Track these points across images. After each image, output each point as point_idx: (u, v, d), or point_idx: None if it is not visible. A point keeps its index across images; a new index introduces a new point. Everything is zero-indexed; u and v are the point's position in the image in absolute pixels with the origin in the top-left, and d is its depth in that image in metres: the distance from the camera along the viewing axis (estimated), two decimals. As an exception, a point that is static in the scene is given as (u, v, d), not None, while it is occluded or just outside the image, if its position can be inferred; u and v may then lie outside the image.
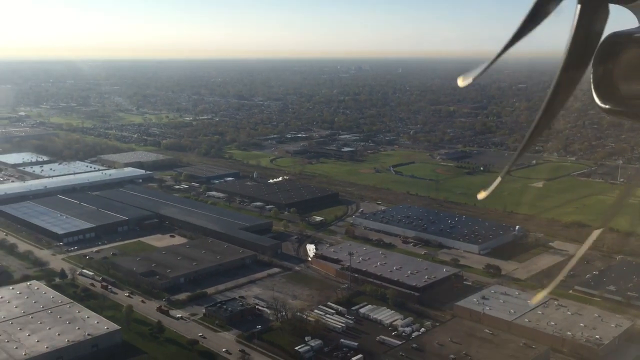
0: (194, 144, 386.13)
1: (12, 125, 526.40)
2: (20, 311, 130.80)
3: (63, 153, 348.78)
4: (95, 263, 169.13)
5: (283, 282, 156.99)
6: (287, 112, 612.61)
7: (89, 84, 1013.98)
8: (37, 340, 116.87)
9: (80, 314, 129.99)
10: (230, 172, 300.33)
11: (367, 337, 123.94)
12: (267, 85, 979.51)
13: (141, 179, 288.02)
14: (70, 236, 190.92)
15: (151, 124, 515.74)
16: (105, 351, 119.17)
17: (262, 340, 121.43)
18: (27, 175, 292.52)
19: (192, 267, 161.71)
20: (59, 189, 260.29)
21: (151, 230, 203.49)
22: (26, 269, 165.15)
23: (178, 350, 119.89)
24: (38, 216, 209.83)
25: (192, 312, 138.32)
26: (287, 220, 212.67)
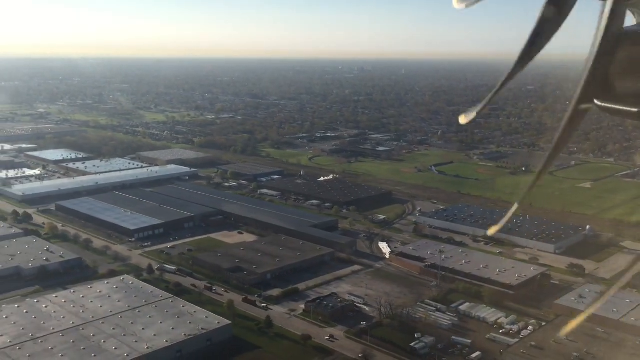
0: (228, 142, 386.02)
1: (34, 122, 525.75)
2: (125, 305, 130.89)
3: (102, 150, 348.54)
4: (176, 258, 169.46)
5: (369, 279, 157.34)
6: (307, 112, 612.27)
7: (97, 82, 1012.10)
8: (154, 334, 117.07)
9: (185, 308, 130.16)
10: (275, 171, 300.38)
11: (474, 335, 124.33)
12: (276, 84, 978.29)
13: (187, 176, 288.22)
14: (140, 232, 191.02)
15: (175, 122, 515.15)
16: (218, 345, 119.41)
17: (372, 337, 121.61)
18: (72, 172, 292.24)
19: (276, 263, 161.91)
20: (110, 185, 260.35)
21: (217, 226, 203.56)
22: (108, 264, 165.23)
23: (291, 346, 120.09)
24: (102, 212, 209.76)
25: (290, 307, 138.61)
26: (347, 218, 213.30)
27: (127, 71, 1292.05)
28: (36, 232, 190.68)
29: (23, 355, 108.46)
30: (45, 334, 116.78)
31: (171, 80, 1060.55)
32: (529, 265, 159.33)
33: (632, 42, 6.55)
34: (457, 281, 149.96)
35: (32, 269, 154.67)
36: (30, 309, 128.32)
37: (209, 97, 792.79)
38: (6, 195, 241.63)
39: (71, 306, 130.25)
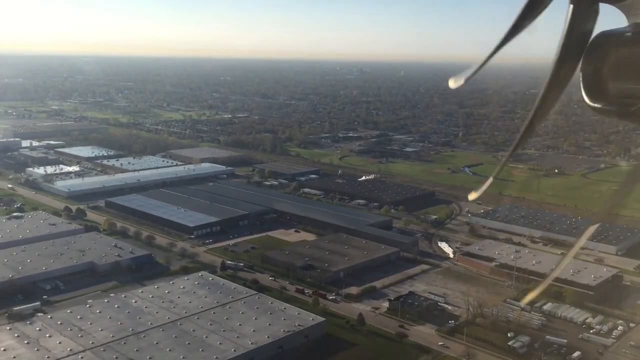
0: (255, 141, 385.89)
1: (51, 118, 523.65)
2: (212, 301, 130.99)
3: (131, 147, 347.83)
4: (244, 255, 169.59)
5: (440, 278, 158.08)
6: (320, 112, 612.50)
7: (101, 80, 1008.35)
8: (253, 330, 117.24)
9: (273, 305, 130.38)
10: (312, 170, 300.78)
11: (565, 335, 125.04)
12: (281, 84, 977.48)
13: (225, 174, 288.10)
14: (200, 229, 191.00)
15: (193, 121, 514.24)
16: (314, 342, 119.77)
17: (467, 336, 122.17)
18: (109, 169, 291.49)
19: (346, 262, 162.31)
20: (151, 182, 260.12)
21: (272, 224, 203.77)
22: (177, 260, 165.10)
23: (387, 343, 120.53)
24: (156, 209, 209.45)
25: (372, 305, 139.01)
26: (397, 218, 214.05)
27: (127, 69, 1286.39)
28: (95, 228, 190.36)
29: (130, 349, 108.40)
30: (145, 329, 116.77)
31: (175, 79, 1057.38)
32: (601, 267, 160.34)
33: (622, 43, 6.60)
34: (532, 281, 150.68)
35: (106, 265, 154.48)
36: (121, 304, 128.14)
37: (218, 96, 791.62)
38: (52, 191, 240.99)
39: (160, 301, 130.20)
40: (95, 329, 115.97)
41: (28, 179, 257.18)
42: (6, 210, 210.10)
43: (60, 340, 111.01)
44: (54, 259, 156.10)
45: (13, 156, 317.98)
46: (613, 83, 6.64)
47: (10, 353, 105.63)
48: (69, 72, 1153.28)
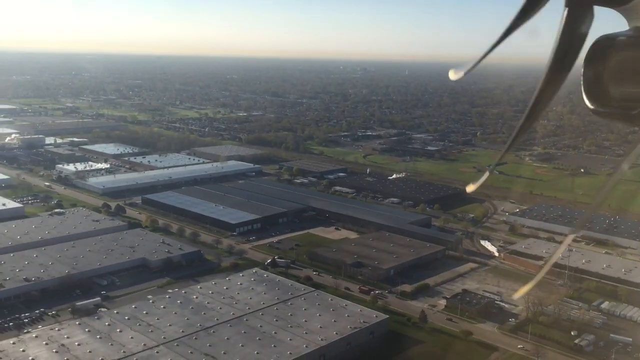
0: (276, 139, 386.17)
1: (68, 116, 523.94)
2: (273, 297, 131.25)
3: (156, 145, 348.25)
4: (291, 253, 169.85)
5: (490, 276, 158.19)
6: (333, 111, 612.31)
7: (108, 78, 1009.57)
8: (320, 326, 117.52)
9: (333, 301, 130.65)
10: (340, 168, 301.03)
11: (628, 334, 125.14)
12: (289, 83, 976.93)
13: (253, 172, 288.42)
14: (241, 226, 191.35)
15: (209, 119, 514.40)
16: (379, 339, 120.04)
17: (531, 334, 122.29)
18: (138, 166, 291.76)
19: (395, 259, 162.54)
20: (183, 180, 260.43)
21: (310, 222, 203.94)
22: (225, 257, 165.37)
23: (452, 340, 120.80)
24: (195, 206, 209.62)
25: (427, 303, 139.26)
26: (433, 216, 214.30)
27: (131, 67, 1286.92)
28: (137, 225, 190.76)
29: (203, 345, 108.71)
30: (213, 325, 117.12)
31: (182, 77, 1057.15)
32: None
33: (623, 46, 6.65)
34: (585, 280, 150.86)
35: (158, 261, 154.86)
36: (183, 300, 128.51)
37: (228, 94, 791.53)
38: (86, 188, 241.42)
39: (221, 297, 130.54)
40: (163, 324, 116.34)
41: (60, 176, 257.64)
42: (44, 207, 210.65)
43: (132, 335, 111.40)
44: (106, 255, 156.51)
45: (39, 153, 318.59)
46: (614, 86, 6.67)
47: (86, 347, 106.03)
48: (75, 70, 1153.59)
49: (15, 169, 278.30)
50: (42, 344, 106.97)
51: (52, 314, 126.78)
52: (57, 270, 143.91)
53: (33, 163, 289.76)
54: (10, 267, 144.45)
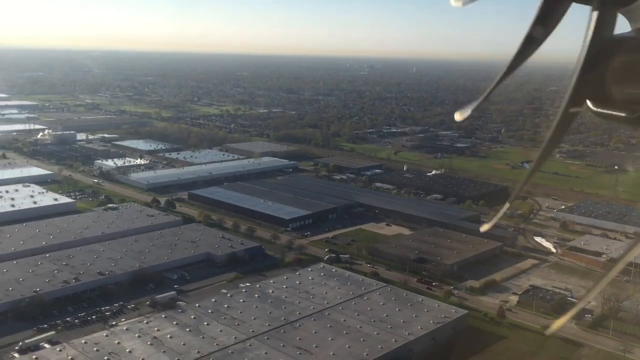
0: (305, 136, 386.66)
1: (90, 112, 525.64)
2: (347, 292, 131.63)
3: (188, 141, 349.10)
4: (351, 248, 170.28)
5: (554, 273, 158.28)
6: (351, 108, 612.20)
7: (120, 75, 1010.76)
8: (402, 321, 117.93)
9: (408, 296, 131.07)
10: (374, 165, 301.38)
11: None
12: (301, 80, 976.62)
13: (290, 168, 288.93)
14: (294, 222, 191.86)
15: (231, 115, 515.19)
16: (460, 334, 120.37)
17: (613, 330, 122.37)
18: (174, 162, 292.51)
19: (456, 255, 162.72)
20: (223, 176, 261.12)
21: (360, 218, 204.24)
22: (284, 253, 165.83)
23: (534, 336, 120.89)
24: (243, 201, 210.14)
25: (497, 299, 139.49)
26: (482, 212, 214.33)
27: (139, 64, 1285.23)
28: (191, 220, 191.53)
29: (292, 338, 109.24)
30: (297, 318, 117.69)
31: (194, 74, 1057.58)
32: None
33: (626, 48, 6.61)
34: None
35: (223, 255, 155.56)
36: (260, 294, 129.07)
37: (242, 91, 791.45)
38: (129, 183, 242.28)
39: (296, 292, 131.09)
40: (247, 318, 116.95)
41: (102, 171, 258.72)
42: (93, 202, 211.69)
43: (220, 328, 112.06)
44: (171, 249, 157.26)
45: (74, 148, 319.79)
46: (617, 88, 6.64)
47: (178, 340, 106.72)
48: (85, 67, 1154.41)
49: (53, 164, 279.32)
50: (135, 336, 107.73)
51: (131, 307, 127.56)
52: (128, 264, 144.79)
53: (71, 159, 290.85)
54: (80, 261, 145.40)
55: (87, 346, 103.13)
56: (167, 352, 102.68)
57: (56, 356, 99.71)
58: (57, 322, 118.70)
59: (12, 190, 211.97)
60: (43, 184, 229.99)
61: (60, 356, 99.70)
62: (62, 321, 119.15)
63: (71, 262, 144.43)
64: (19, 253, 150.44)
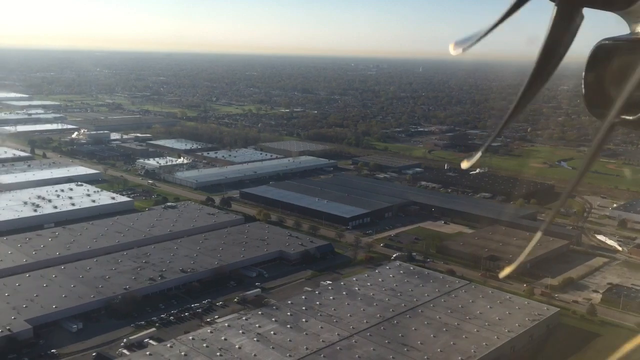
0: (337, 135, 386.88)
1: (114, 112, 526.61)
2: (433, 290, 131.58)
3: (223, 140, 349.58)
4: (418, 246, 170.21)
5: (627, 270, 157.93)
6: (370, 107, 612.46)
7: (133, 75, 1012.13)
8: (498, 318, 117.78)
9: (494, 294, 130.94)
10: (414, 163, 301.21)
11: None
12: (312, 80, 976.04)
13: (331, 167, 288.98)
14: (354, 220, 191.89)
15: (254, 115, 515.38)
16: (554, 331, 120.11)
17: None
18: (215, 161, 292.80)
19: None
20: (267, 174, 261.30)
21: (416, 216, 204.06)
22: (356, 251, 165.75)
23: (630, 334, 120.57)
24: (297, 199, 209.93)
25: (578, 296, 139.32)
26: (535, 211, 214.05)
27: (145, 64, 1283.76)
28: (252, 219, 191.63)
29: (395, 334, 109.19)
30: (393, 315, 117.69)
31: (205, 74, 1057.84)
32: None
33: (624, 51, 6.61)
34: None
35: (296, 253, 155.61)
36: (347, 292, 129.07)
37: (257, 90, 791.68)
38: (177, 182, 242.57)
39: (382, 289, 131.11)
40: (343, 315, 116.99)
41: (147, 170, 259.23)
42: (149, 201, 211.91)
43: (320, 325, 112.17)
44: (243, 247, 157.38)
45: (112, 148, 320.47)
46: (615, 90, 6.59)
47: (283, 336, 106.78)
48: (95, 67, 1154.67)
49: (95, 163, 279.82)
50: (239, 332, 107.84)
51: (219, 304, 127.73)
52: (207, 262, 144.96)
53: (111, 158, 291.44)
54: (158, 259, 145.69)
55: (195, 342, 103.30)
56: (276, 348, 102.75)
57: (169, 352, 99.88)
58: (152, 319, 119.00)
59: (67, 189, 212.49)
60: (92, 183, 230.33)
61: (172, 352, 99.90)
62: (158, 318, 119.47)
63: (150, 260, 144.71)
64: (96, 251, 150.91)
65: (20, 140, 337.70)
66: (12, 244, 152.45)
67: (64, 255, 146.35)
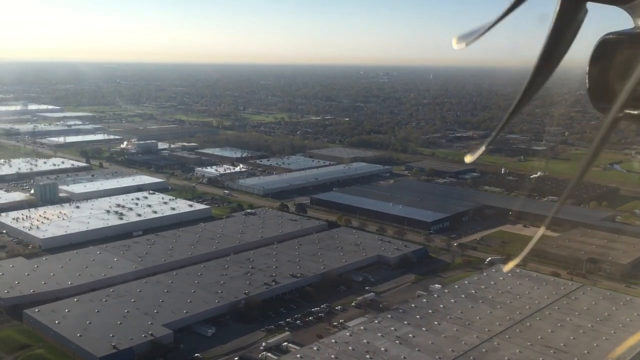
0: (381, 141, 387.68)
1: (147, 122, 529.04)
2: (550, 292, 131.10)
3: (272, 148, 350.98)
4: (512, 250, 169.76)
5: None
6: (397, 114, 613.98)
7: (152, 85, 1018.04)
8: (629, 320, 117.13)
9: (612, 295, 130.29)
10: (470, 168, 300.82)
11: None
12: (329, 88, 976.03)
13: (388, 173, 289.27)
14: (435, 224, 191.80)
15: (292, 123, 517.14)
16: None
17: None
18: (270, 169, 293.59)
19: (624, 255, 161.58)
20: (327, 180, 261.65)
21: (492, 220, 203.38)
22: (443, 254, 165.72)
23: None
24: (375, 205, 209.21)
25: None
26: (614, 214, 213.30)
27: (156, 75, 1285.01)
28: (334, 225, 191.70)
29: (533, 337, 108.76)
30: (522, 318, 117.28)
31: (220, 84, 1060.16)
32: None
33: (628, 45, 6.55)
34: None
35: (395, 258, 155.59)
36: (465, 294, 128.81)
37: (279, 99, 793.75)
38: (243, 190, 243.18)
39: (499, 292, 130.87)
40: (472, 317, 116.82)
41: (211, 179, 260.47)
42: (221, 208, 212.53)
43: (455, 327, 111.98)
44: (342, 252, 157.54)
45: (164, 157, 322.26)
46: (619, 85, 6.54)
47: (424, 339, 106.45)
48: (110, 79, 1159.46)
49: (152, 172, 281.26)
50: (378, 335, 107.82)
51: (338, 308, 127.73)
52: (312, 267, 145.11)
53: (167, 167, 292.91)
54: (263, 264, 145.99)
55: (340, 345, 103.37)
56: (422, 350, 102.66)
57: (318, 355, 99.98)
58: (279, 323, 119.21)
59: (142, 197, 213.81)
60: (160, 191, 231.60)
61: (322, 355, 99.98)
62: (284, 322, 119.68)
63: (255, 265, 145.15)
64: (197, 257, 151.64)
65: (71, 151, 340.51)
66: (113, 251, 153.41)
67: (169, 262, 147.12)
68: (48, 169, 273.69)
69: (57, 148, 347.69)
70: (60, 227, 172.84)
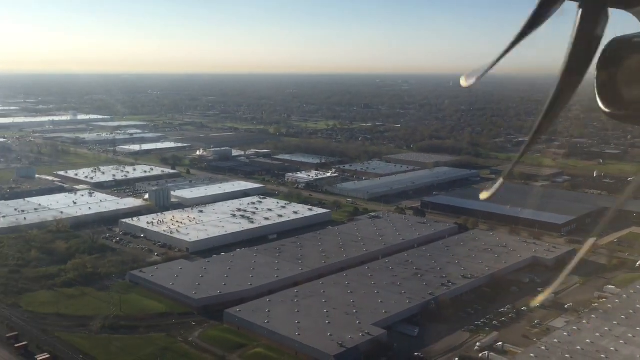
0: (453, 146, 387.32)
1: (201, 131, 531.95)
2: None
3: (347, 154, 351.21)
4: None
5: None
6: (444, 120, 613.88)
7: (183, 95, 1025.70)
8: None
9: None
10: (558, 172, 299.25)
11: None
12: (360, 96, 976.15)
13: (477, 177, 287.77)
14: (566, 226, 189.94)
15: (340, 129, 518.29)
16: None
17: None
18: (357, 174, 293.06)
19: None
20: (423, 185, 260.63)
21: (617, 221, 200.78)
22: (611, 257, 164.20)
23: None
24: (494, 208, 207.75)
25: None
26: None
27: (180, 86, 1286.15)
28: (464, 228, 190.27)
29: None
30: None
31: (249, 92, 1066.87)
32: None
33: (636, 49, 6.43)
34: None
35: (551, 259, 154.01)
36: None
37: (317, 107, 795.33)
38: (345, 194, 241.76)
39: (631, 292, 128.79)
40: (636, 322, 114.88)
41: (308, 184, 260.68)
42: (339, 213, 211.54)
43: None
44: (495, 254, 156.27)
45: (246, 164, 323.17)
46: (628, 88, 6.50)
47: None
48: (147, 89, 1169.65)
49: (240, 178, 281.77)
50: (596, 335, 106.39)
51: (524, 309, 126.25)
52: (477, 268, 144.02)
53: (255, 173, 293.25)
54: (425, 265, 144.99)
55: (567, 345, 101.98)
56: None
57: (553, 355, 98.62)
58: (476, 323, 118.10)
59: (257, 202, 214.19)
60: (263, 196, 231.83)
61: (556, 354, 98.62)
62: (481, 322, 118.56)
63: (418, 267, 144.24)
64: (353, 259, 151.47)
65: (149, 158, 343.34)
66: (267, 253, 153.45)
67: (329, 264, 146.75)
68: (142, 176, 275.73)
69: (133, 156, 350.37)
70: (200, 231, 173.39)
